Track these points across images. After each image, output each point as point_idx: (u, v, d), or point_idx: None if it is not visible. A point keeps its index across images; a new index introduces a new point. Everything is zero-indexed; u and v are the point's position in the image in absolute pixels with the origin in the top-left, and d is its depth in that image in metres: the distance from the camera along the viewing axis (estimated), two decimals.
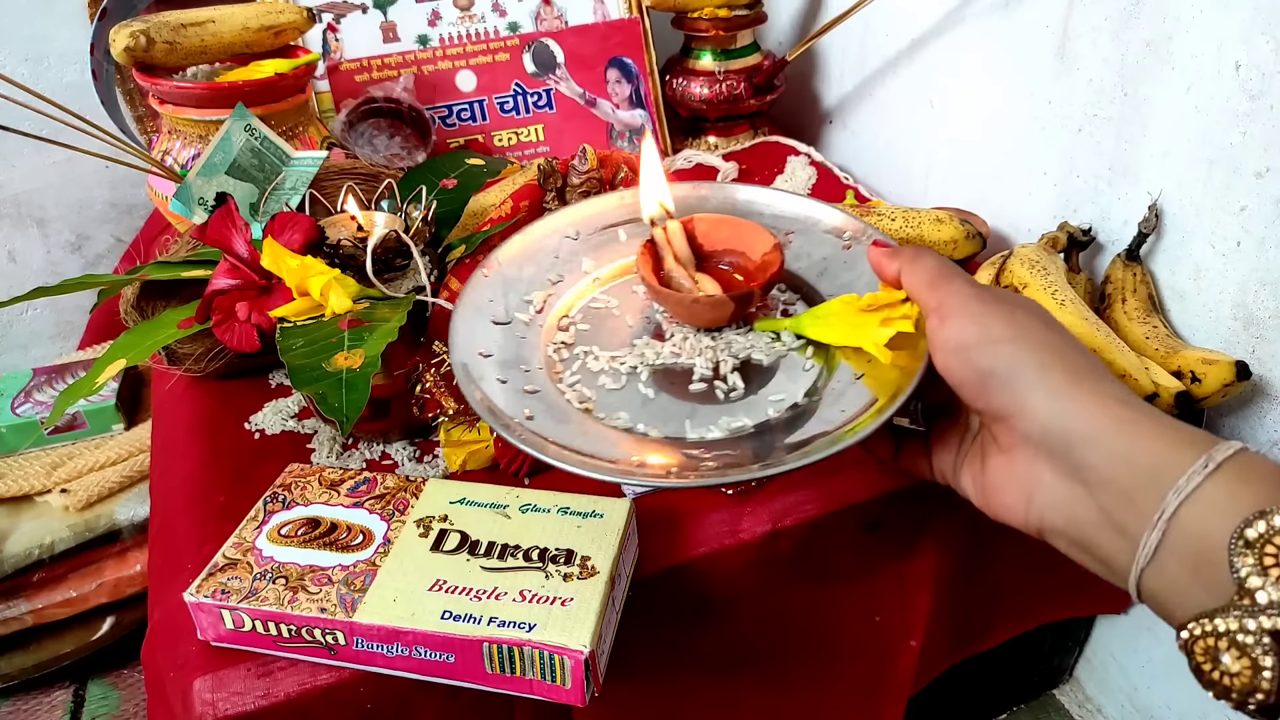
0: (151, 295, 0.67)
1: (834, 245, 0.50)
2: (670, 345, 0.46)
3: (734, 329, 0.47)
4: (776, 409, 0.43)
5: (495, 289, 0.48)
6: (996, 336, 0.37)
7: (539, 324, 0.47)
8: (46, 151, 1.12)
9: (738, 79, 1.05)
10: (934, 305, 0.39)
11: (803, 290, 0.49)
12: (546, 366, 0.45)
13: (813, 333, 0.46)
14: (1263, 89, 0.58)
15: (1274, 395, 0.62)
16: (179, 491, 0.62)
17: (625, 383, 0.45)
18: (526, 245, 0.50)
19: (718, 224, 0.49)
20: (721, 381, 0.45)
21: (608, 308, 0.49)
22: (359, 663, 0.47)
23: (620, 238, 0.51)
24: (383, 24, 0.96)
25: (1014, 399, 0.36)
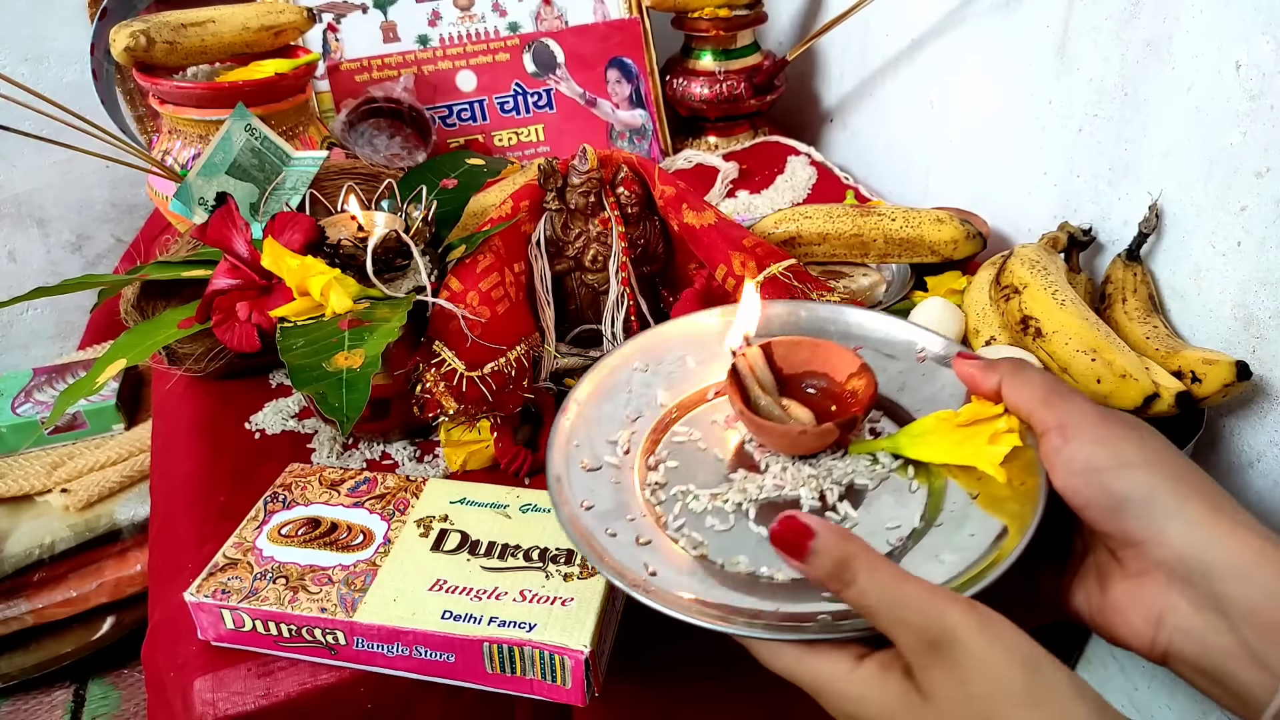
0: (152, 295, 0.67)
1: (907, 356, 0.49)
2: (771, 478, 0.45)
3: (830, 454, 0.46)
4: (897, 537, 0.41)
5: (579, 432, 0.47)
6: (1130, 461, 0.36)
7: (629, 466, 0.46)
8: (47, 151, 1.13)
9: (738, 79, 1.05)
10: (1054, 424, 0.38)
11: (884, 407, 0.48)
12: (648, 512, 0.44)
13: (913, 452, 0.44)
14: (1263, 89, 0.58)
15: (1274, 395, 0.62)
16: (179, 491, 0.62)
17: (734, 523, 0.43)
18: (599, 382, 0.49)
19: (795, 346, 0.48)
20: (832, 511, 0.43)
21: (691, 440, 0.48)
22: (359, 662, 0.47)
23: (688, 364, 0.51)
24: (383, 24, 0.96)
25: (1151, 526, 0.36)
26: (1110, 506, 0.36)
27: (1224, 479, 0.67)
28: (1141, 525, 0.36)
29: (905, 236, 0.77)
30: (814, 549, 0.35)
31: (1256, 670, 0.34)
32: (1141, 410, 0.58)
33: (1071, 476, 0.37)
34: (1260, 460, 0.64)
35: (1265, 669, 0.34)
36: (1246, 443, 0.65)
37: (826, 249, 0.79)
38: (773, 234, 0.78)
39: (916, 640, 0.33)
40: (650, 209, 0.67)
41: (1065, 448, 0.37)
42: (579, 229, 0.65)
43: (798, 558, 0.35)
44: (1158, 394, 0.58)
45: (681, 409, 0.50)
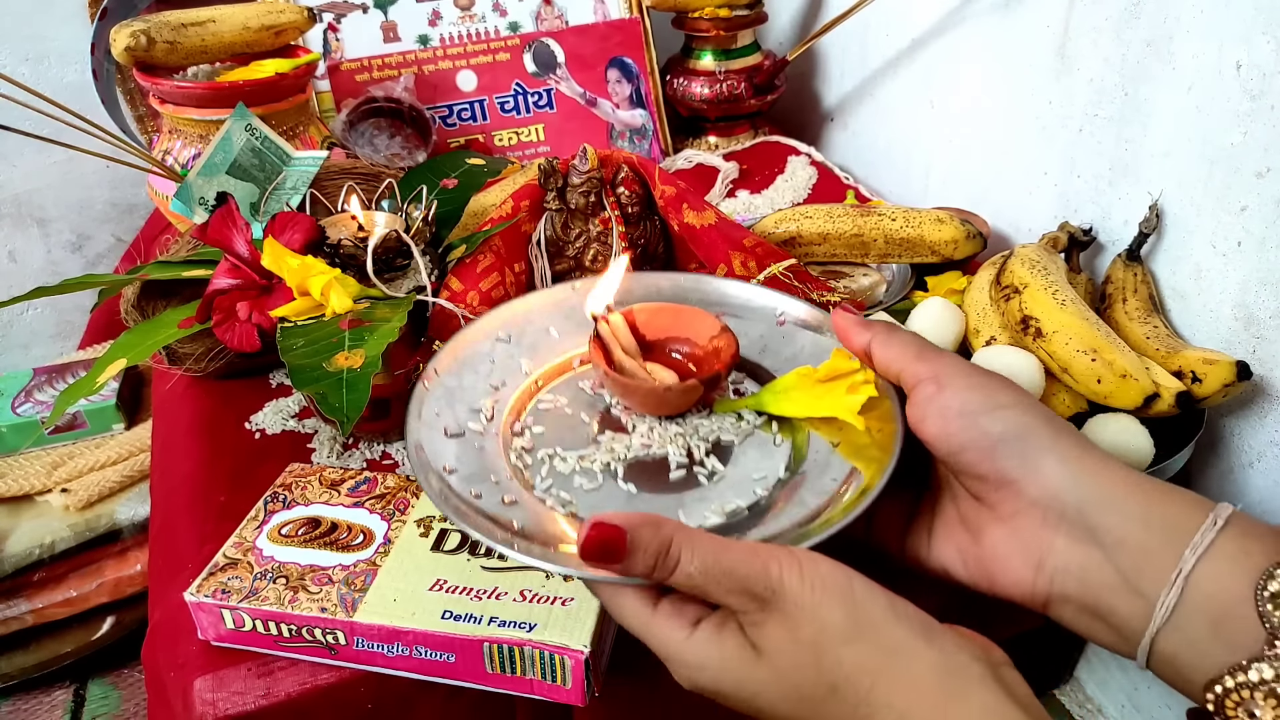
0: (152, 295, 0.67)
1: (767, 321, 0.50)
2: (639, 437, 0.45)
3: (696, 413, 0.47)
4: (764, 487, 0.43)
5: (440, 401, 0.46)
6: (1003, 403, 0.38)
7: (493, 432, 0.46)
8: (47, 151, 1.13)
9: (738, 79, 1.05)
10: (927, 374, 0.39)
11: (747, 368, 0.49)
12: (514, 475, 0.44)
13: (776, 408, 0.46)
14: (1263, 89, 0.58)
15: (1274, 395, 0.62)
16: (179, 491, 0.62)
17: (602, 482, 0.44)
18: (459, 353, 0.48)
19: (657, 312, 0.49)
20: (700, 466, 0.44)
21: (557, 406, 0.48)
22: (359, 662, 0.47)
23: (552, 334, 0.51)
24: (383, 24, 0.96)
25: (1026, 463, 0.37)
26: (986, 446, 0.37)
27: (1224, 479, 0.67)
28: (1016, 463, 0.37)
29: (905, 236, 0.77)
30: (631, 546, 0.34)
31: (1133, 598, 0.35)
32: (1142, 410, 0.58)
33: (947, 422, 0.38)
34: (1260, 460, 0.64)
35: (1141, 596, 0.34)
36: (1246, 443, 0.65)
37: (827, 249, 0.79)
38: (773, 234, 0.78)
39: (746, 602, 0.34)
40: (650, 209, 0.67)
41: (940, 395, 0.38)
42: (579, 229, 0.65)
43: (615, 560, 0.34)
44: (1158, 394, 0.58)
45: (546, 377, 0.50)
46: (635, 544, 0.34)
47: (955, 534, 0.41)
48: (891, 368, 0.41)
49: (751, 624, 0.34)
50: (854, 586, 0.34)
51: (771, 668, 0.34)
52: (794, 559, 0.34)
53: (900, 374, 0.41)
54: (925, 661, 0.33)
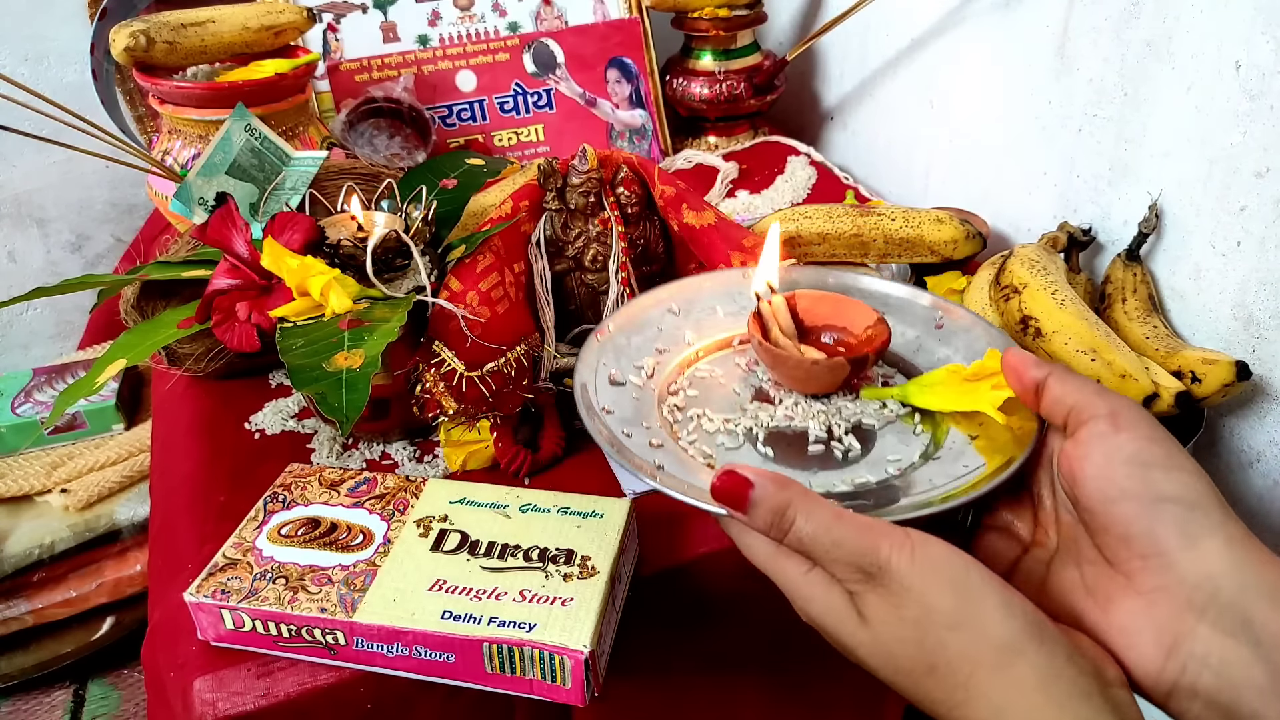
0: (151, 295, 0.67)
1: (925, 323, 0.52)
2: (782, 409, 0.48)
3: (841, 397, 0.48)
4: (897, 467, 0.44)
5: (608, 354, 0.50)
6: (1183, 465, 0.35)
7: (651, 388, 0.49)
8: (46, 151, 1.13)
9: (738, 79, 1.05)
10: (1105, 411, 0.36)
11: (899, 365, 0.51)
12: (664, 426, 0.47)
13: (920, 400, 0.46)
14: (1263, 89, 0.58)
15: (1274, 395, 0.62)
16: (179, 491, 0.62)
17: (742, 443, 0.46)
18: (632, 316, 0.52)
19: (819, 300, 0.51)
20: (838, 443, 0.46)
21: (713, 376, 0.51)
22: (359, 663, 0.47)
23: (719, 313, 0.53)
24: (383, 24, 0.96)
25: (1186, 535, 0.33)
26: (1149, 503, 0.34)
27: (1224, 479, 0.67)
28: (1176, 532, 0.34)
29: (905, 236, 0.77)
30: (753, 499, 0.35)
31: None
32: None
33: (1114, 464, 0.35)
34: (1260, 460, 0.64)
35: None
36: (1246, 443, 0.65)
37: (826, 249, 0.79)
38: None
39: (851, 573, 0.34)
40: (650, 209, 0.67)
41: (1115, 435, 0.35)
42: (579, 229, 0.65)
43: (739, 509, 0.36)
44: (1158, 394, 0.58)
45: (707, 350, 0.52)
46: (758, 499, 0.35)
47: (1074, 599, 0.37)
48: (1065, 400, 0.38)
49: (858, 594, 0.35)
50: (970, 574, 0.34)
51: (872, 634, 0.34)
52: (907, 540, 0.34)
53: (1073, 408, 0.37)
54: (1030, 663, 0.32)
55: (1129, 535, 0.34)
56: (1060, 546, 0.39)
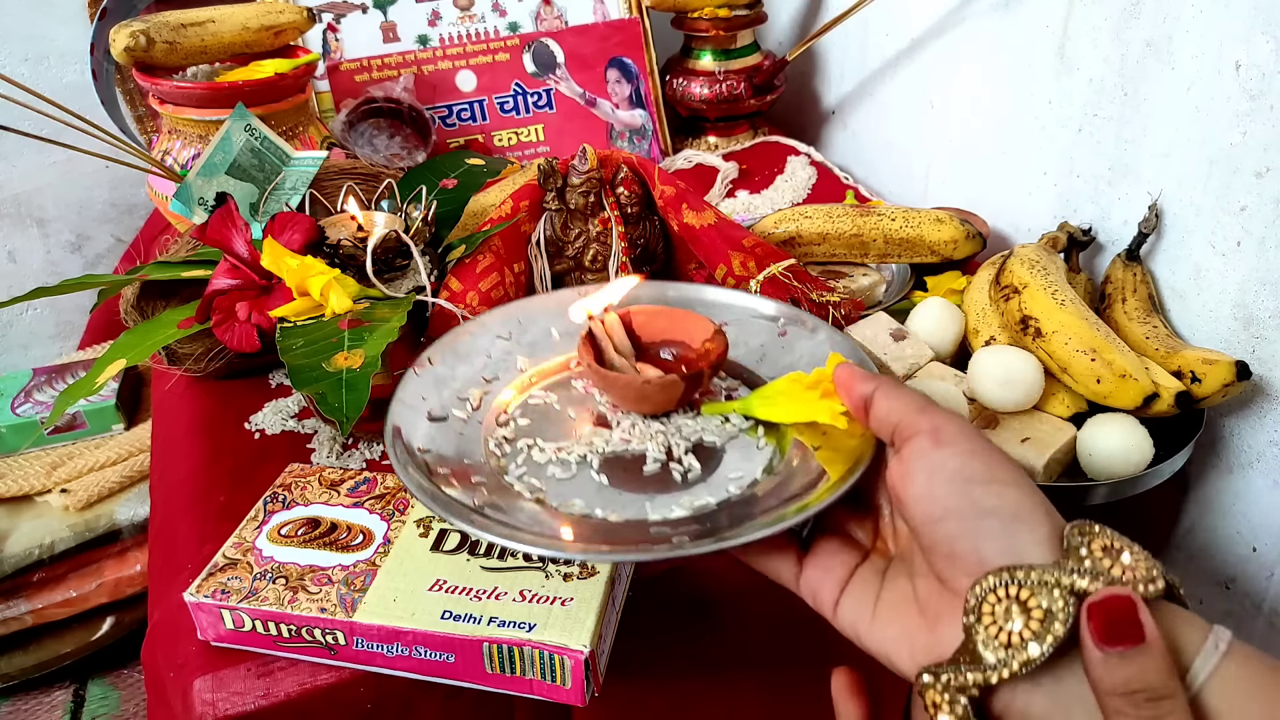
0: (151, 295, 0.67)
1: (769, 332, 0.50)
2: (619, 432, 0.46)
3: (681, 414, 0.47)
4: (737, 485, 0.42)
5: (428, 387, 0.47)
6: (1004, 479, 0.34)
7: (477, 420, 0.46)
8: (46, 151, 1.13)
9: (738, 79, 1.05)
10: (926, 428, 0.35)
11: (743, 376, 0.49)
12: (490, 460, 0.44)
13: (762, 413, 0.45)
14: (1263, 89, 0.58)
15: (1274, 395, 0.62)
16: (179, 491, 0.62)
17: (576, 471, 0.44)
18: (457, 345, 0.49)
19: (655, 315, 0.49)
20: (677, 463, 0.44)
21: (547, 403, 0.48)
22: (359, 663, 0.47)
23: (553, 336, 0.51)
24: (383, 24, 0.96)
25: (1010, 551, 0.32)
26: (971, 520, 0.33)
27: (1223, 479, 0.67)
28: (999, 547, 0.32)
29: (905, 236, 0.77)
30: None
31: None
32: (1141, 410, 0.58)
33: (935, 482, 0.34)
34: (1260, 460, 0.64)
35: None
36: (1246, 443, 0.65)
37: (826, 249, 0.79)
38: (773, 234, 0.78)
39: None
40: (650, 209, 0.67)
41: (935, 452, 0.34)
42: (579, 229, 0.65)
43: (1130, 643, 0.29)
44: (1157, 394, 0.58)
45: (541, 375, 0.50)
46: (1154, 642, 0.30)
47: (906, 615, 0.36)
48: (890, 417, 0.37)
49: None
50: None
51: None
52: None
53: (897, 425, 0.36)
54: None
55: (954, 553, 0.33)
56: (897, 556, 0.39)
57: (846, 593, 0.38)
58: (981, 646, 0.31)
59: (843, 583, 0.38)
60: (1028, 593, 0.30)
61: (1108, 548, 0.31)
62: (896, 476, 0.36)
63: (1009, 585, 0.31)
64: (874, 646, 0.37)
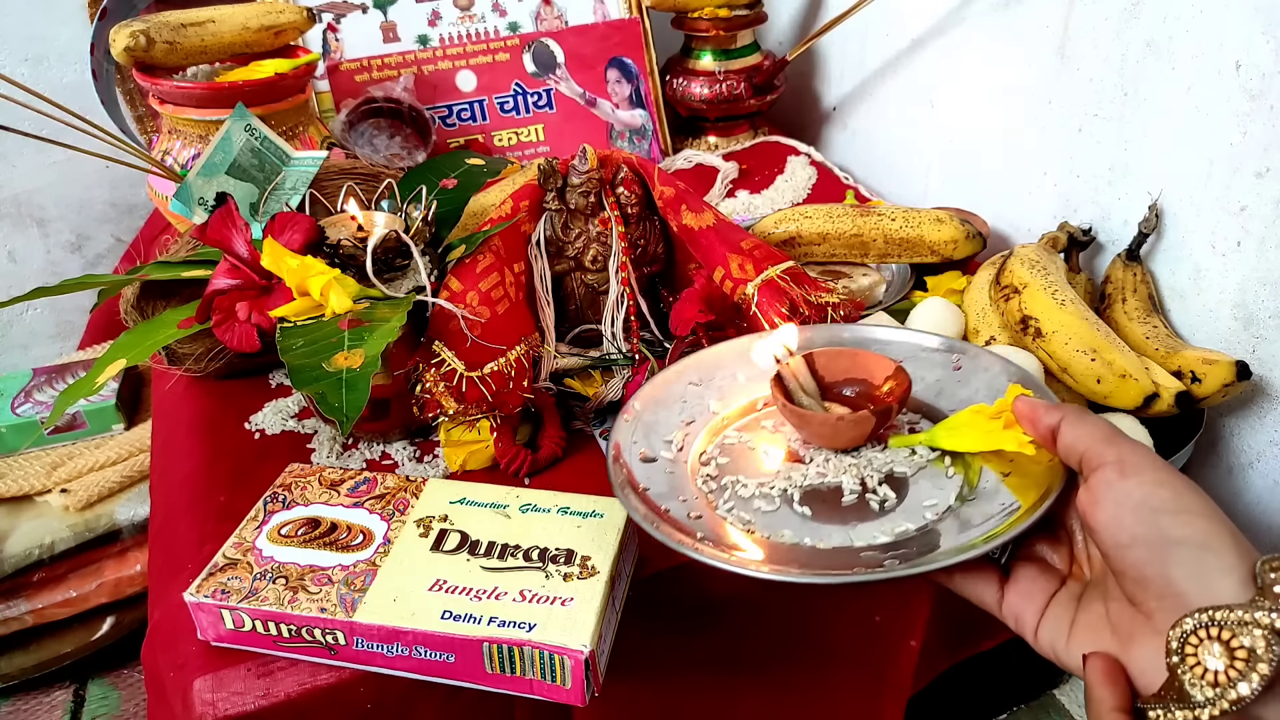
0: (151, 295, 0.67)
1: (944, 367, 0.52)
2: (814, 467, 0.48)
3: (870, 448, 0.49)
4: (934, 512, 0.44)
5: (637, 433, 0.51)
6: (1192, 508, 0.35)
7: (683, 460, 0.50)
8: (46, 151, 1.12)
9: (738, 79, 1.05)
10: (1113, 459, 0.37)
11: (923, 411, 0.51)
12: (700, 497, 0.47)
13: (948, 443, 0.47)
14: (1263, 89, 0.58)
15: (1274, 395, 0.62)
16: (179, 491, 0.62)
17: (779, 505, 0.46)
18: (655, 394, 0.53)
19: (836, 356, 0.51)
20: (872, 494, 0.46)
21: (742, 443, 0.51)
22: (359, 663, 0.47)
23: (739, 379, 0.54)
24: (383, 24, 0.96)
25: (1200, 578, 0.33)
26: (1160, 548, 0.35)
27: (1224, 479, 0.67)
28: (1189, 574, 0.34)
29: (905, 236, 0.77)
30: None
31: None
32: (1141, 410, 0.58)
33: (1123, 511, 0.36)
34: (1260, 460, 0.64)
35: None
36: (1246, 443, 0.65)
37: (826, 249, 0.79)
38: (773, 234, 0.78)
39: None
40: (650, 209, 0.67)
41: (1121, 482, 0.36)
42: (579, 229, 0.65)
43: None
44: (1158, 394, 0.58)
45: (732, 418, 0.53)
46: None
47: (1099, 636, 0.37)
48: (1077, 447, 0.38)
49: None
50: None
51: None
52: None
53: (1085, 454, 0.38)
54: None
55: (1143, 578, 0.35)
56: (1092, 581, 0.40)
57: (1045, 617, 0.40)
58: (1189, 686, 0.32)
59: (1042, 609, 0.40)
60: (1229, 633, 0.31)
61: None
62: (1086, 504, 0.37)
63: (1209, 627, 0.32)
64: (1070, 664, 0.38)
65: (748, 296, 0.62)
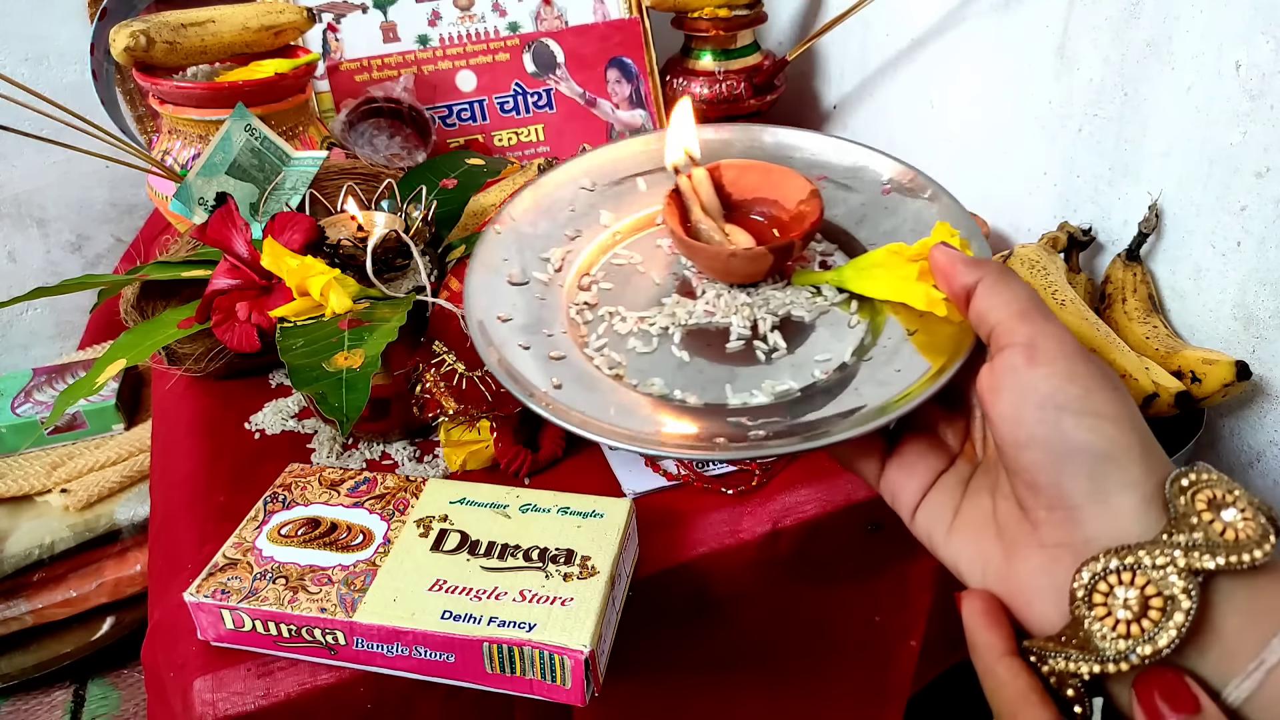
0: (151, 295, 0.67)
1: (873, 189, 0.46)
2: (703, 303, 0.43)
3: (770, 284, 0.43)
4: (823, 369, 0.39)
5: (509, 247, 0.44)
6: (1101, 409, 0.30)
7: (559, 284, 0.44)
8: (46, 151, 1.13)
9: (738, 79, 1.05)
10: (1024, 340, 0.32)
11: (840, 240, 0.45)
12: (570, 330, 0.42)
13: (857, 286, 0.42)
14: (1263, 89, 0.58)
15: (1274, 395, 0.62)
16: (179, 491, 0.62)
17: (657, 345, 0.41)
18: (539, 199, 0.46)
19: (747, 170, 0.45)
20: (761, 341, 0.41)
21: (631, 264, 0.45)
22: (359, 663, 0.47)
23: (640, 187, 0.47)
24: (383, 24, 0.96)
25: (1096, 491, 0.30)
26: (1058, 452, 0.30)
27: None
28: (1084, 487, 0.30)
29: None
30: None
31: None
32: (1141, 410, 0.58)
33: (1024, 405, 0.31)
34: (1260, 460, 0.64)
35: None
36: (1246, 443, 0.65)
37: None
38: None
39: None
40: None
41: (1028, 370, 0.31)
42: None
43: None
44: (1158, 394, 0.58)
45: (626, 232, 0.47)
46: None
47: (982, 535, 0.34)
48: (989, 317, 0.33)
49: None
50: None
51: None
52: None
53: (995, 328, 0.33)
54: None
55: (1035, 484, 0.31)
56: (982, 465, 0.36)
57: (927, 499, 0.36)
58: (1098, 639, 0.28)
59: (924, 488, 0.36)
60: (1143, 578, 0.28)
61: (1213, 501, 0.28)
62: (986, 388, 0.32)
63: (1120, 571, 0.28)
64: (947, 558, 0.35)
65: None
